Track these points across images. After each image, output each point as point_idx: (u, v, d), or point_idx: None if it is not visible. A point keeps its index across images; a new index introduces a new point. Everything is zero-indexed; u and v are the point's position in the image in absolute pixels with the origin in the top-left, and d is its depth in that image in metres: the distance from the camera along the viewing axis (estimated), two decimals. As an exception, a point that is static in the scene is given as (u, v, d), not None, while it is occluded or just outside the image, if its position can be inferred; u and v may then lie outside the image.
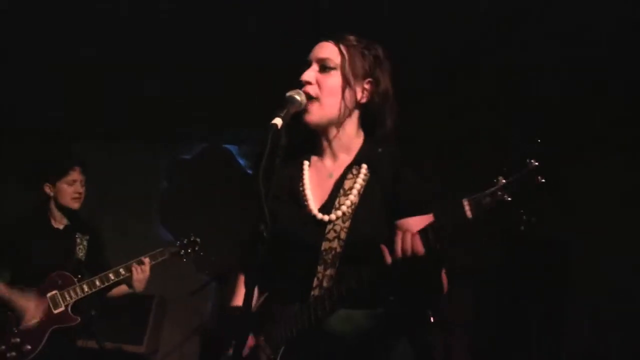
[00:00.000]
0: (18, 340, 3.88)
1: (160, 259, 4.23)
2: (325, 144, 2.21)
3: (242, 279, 2.35)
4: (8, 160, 7.24)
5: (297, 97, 2.07)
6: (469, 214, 1.74)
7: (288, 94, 2.08)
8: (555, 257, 6.18)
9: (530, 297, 6.08)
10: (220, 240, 6.57)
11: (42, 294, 4.01)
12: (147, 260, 4.13)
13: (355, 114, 2.19)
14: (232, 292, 2.37)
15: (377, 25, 4.63)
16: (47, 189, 4.25)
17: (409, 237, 1.81)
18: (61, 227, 4.30)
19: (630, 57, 4.85)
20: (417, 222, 1.96)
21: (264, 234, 1.78)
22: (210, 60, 5.28)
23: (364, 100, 2.17)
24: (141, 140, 7.29)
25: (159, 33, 4.97)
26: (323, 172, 2.21)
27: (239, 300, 2.25)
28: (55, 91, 6.22)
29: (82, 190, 4.27)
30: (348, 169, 2.16)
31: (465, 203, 1.75)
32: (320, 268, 2.03)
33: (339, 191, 2.12)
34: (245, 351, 2.05)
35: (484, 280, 6.13)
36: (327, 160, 2.22)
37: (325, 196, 2.14)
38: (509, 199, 1.71)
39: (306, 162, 2.22)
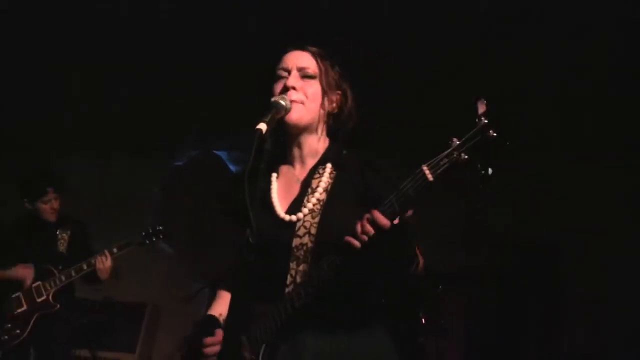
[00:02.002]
0: (9, 325, 4.54)
1: (125, 249, 4.72)
2: (296, 150, 2.27)
3: (221, 289, 2.39)
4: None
5: (282, 102, 2.12)
6: (429, 177, 1.80)
7: (273, 99, 2.13)
8: (550, 260, 6.21)
9: (525, 300, 6.10)
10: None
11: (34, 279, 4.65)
12: (107, 251, 4.64)
13: (326, 122, 2.28)
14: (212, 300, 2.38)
15: (377, 25, 4.69)
16: (27, 205, 4.86)
17: (365, 220, 1.87)
18: (44, 224, 4.86)
19: (630, 57, 4.89)
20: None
21: (250, 239, 1.83)
22: (210, 60, 5.29)
23: (335, 111, 2.27)
24: (136, 150, 7.27)
25: (159, 33, 4.98)
26: (292, 178, 2.26)
27: (216, 309, 2.30)
28: (52, 97, 6.22)
29: (56, 206, 4.86)
30: (313, 169, 2.22)
31: (425, 168, 1.81)
32: (293, 264, 2.07)
33: (306, 191, 2.17)
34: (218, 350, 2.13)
35: (478, 282, 6.13)
36: (297, 167, 2.28)
37: (294, 198, 2.19)
38: (466, 157, 1.78)
39: (274, 174, 2.27)
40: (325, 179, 2.17)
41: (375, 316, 2.14)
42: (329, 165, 2.21)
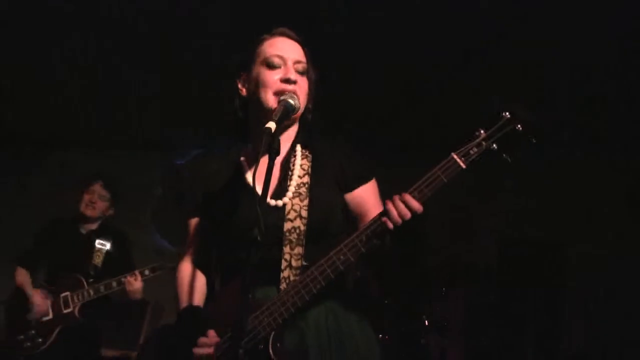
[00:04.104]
0: (33, 332, 4.44)
1: (158, 272, 4.56)
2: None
3: (184, 278, 2.39)
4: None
5: (291, 101, 2.10)
6: (462, 165, 1.91)
7: (282, 97, 2.11)
8: (550, 259, 6.22)
9: (525, 299, 6.11)
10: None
11: (55, 293, 4.52)
12: (137, 272, 4.49)
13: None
14: (183, 288, 2.38)
15: (376, 25, 4.71)
16: (77, 198, 4.80)
17: (399, 202, 1.93)
18: (84, 232, 4.80)
19: (630, 58, 4.91)
20: (370, 194, 2.20)
21: (258, 238, 1.78)
22: (208, 62, 5.29)
23: (310, 102, 2.29)
24: (137, 147, 7.29)
25: (159, 32, 5.00)
26: (266, 162, 2.18)
27: (192, 298, 2.30)
28: (50, 97, 6.24)
29: (96, 200, 4.76)
30: (288, 154, 2.24)
31: (455, 155, 1.92)
32: (286, 249, 2.08)
33: (286, 175, 2.19)
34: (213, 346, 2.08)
35: (479, 282, 6.15)
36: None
37: (274, 183, 2.19)
38: (495, 147, 1.91)
39: (242, 158, 2.26)
40: (299, 162, 2.20)
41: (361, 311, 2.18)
42: (298, 148, 2.24)
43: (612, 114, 5.83)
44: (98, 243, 4.70)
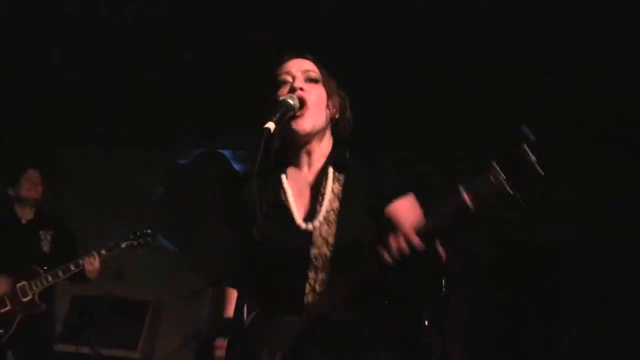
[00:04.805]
0: None
1: (115, 250, 4.72)
2: (304, 156, 2.26)
3: (227, 292, 2.38)
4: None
5: (290, 101, 2.11)
6: (470, 204, 1.85)
7: (281, 97, 2.12)
8: (552, 259, 6.21)
9: (527, 299, 6.10)
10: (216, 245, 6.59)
11: (12, 283, 4.54)
12: (95, 252, 4.58)
13: (330, 126, 2.29)
14: (223, 300, 2.37)
15: (375, 25, 4.70)
16: (11, 192, 4.87)
17: (401, 237, 1.88)
18: (24, 222, 4.86)
19: (631, 57, 4.90)
20: (403, 206, 2.07)
21: (257, 239, 1.82)
22: (209, 63, 5.31)
23: (336, 115, 2.29)
24: (135, 146, 7.30)
25: (158, 35, 5.00)
26: (302, 182, 2.24)
27: (231, 310, 2.27)
28: (50, 97, 6.25)
29: (37, 182, 4.86)
30: (321, 175, 2.22)
31: (461, 188, 1.86)
32: (311, 274, 2.07)
33: (317, 197, 2.17)
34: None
35: (480, 282, 6.15)
36: (304, 170, 2.26)
37: (307, 205, 2.19)
38: (511, 192, 1.83)
39: (283, 175, 2.25)
40: (330, 184, 2.17)
41: (384, 332, 2.16)
42: (330, 170, 2.20)
43: (612, 114, 5.82)
44: (42, 231, 4.82)
